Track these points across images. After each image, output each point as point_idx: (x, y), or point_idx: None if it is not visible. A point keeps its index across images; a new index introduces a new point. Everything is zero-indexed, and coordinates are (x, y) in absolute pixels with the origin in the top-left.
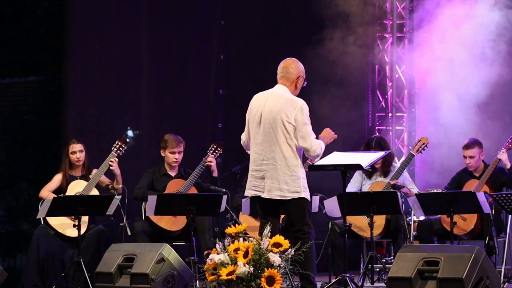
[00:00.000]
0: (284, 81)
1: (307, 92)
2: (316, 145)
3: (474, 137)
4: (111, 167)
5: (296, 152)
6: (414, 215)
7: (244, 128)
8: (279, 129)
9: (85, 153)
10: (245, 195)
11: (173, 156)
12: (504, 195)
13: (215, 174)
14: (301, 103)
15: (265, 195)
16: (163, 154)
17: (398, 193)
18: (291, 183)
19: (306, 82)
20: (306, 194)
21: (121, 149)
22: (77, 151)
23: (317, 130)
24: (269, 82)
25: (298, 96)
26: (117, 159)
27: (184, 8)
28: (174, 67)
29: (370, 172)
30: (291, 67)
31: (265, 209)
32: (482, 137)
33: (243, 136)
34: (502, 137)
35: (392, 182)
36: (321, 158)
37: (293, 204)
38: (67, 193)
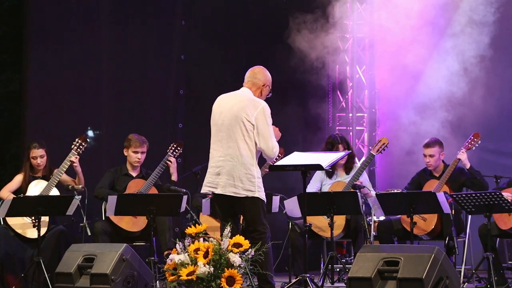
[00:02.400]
0: (250, 85)
1: (276, 91)
2: (276, 147)
3: (435, 137)
4: (73, 165)
5: (253, 151)
6: (374, 215)
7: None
8: (238, 126)
9: (47, 157)
10: (201, 192)
11: (135, 155)
12: (463, 195)
13: (175, 174)
14: (263, 104)
15: (218, 191)
16: (125, 153)
17: (359, 193)
18: (246, 181)
19: (271, 94)
20: (260, 194)
21: (81, 147)
22: (37, 157)
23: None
24: (230, 82)
25: (270, 98)
26: (77, 157)
27: (144, 9)
28: (134, 67)
29: (331, 172)
30: (260, 74)
31: (222, 208)
32: (442, 137)
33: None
34: (463, 137)
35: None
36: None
37: (247, 203)
38: (27, 193)
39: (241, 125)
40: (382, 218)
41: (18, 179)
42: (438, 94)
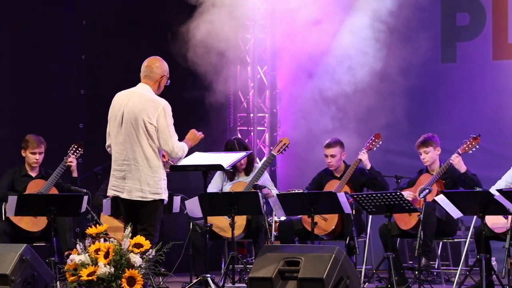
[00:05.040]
0: (147, 80)
1: (168, 92)
2: (179, 148)
3: (337, 137)
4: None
5: (158, 153)
6: (275, 215)
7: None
8: (141, 129)
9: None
10: (107, 195)
11: (33, 156)
12: (364, 196)
13: (75, 174)
14: (164, 104)
15: (124, 196)
16: (24, 154)
17: (259, 194)
18: (153, 184)
19: (169, 81)
20: (165, 196)
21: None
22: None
23: (178, 131)
24: (131, 81)
25: (161, 94)
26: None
27: (45, 8)
28: (36, 67)
29: (231, 173)
30: (155, 66)
31: (126, 211)
32: (344, 138)
33: (108, 140)
34: (364, 137)
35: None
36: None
37: (152, 205)
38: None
39: (144, 129)
40: (283, 218)
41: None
42: (340, 95)
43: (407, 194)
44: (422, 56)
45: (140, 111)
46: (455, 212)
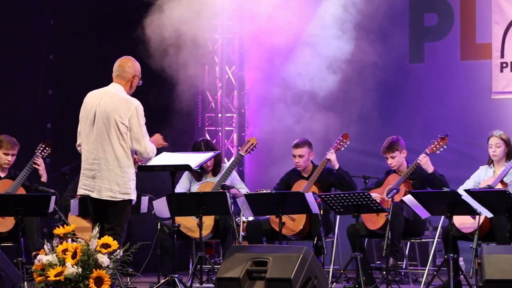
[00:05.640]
0: (119, 80)
1: (136, 92)
2: (150, 148)
3: (305, 137)
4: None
5: (129, 153)
6: (243, 215)
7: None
8: (113, 129)
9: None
10: (77, 194)
11: (6, 157)
12: (332, 196)
13: (44, 179)
14: (136, 103)
15: (94, 195)
16: None
17: (227, 194)
18: (123, 185)
19: (141, 81)
20: (134, 196)
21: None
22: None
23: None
24: (99, 81)
25: (133, 94)
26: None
27: (12, 8)
28: (3, 67)
29: (199, 173)
30: (127, 66)
31: (95, 211)
32: (312, 138)
33: (78, 139)
34: (332, 137)
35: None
36: None
37: (121, 205)
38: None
39: (116, 128)
40: (250, 218)
41: None
42: (308, 95)
43: (375, 195)
44: (390, 56)
45: (112, 111)
46: (422, 212)
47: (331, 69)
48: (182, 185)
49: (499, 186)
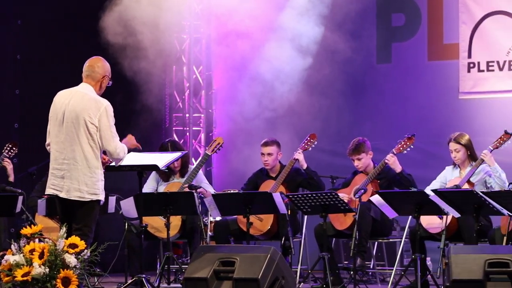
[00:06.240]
0: (89, 80)
1: (107, 92)
2: (120, 148)
3: (273, 137)
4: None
5: (98, 154)
6: (210, 215)
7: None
8: (82, 129)
9: None
10: (45, 193)
11: None
12: (300, 196)
13: (11, 179)
14: (106, 104)
15: (63, 195)
16: None
17: (195, 194)
18: (91, 185)
19: (111, 82)
20: (102, 197)
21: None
22: None
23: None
24: (66, 81)
25: (103, 95)
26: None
27: None
28: None
29: (166, 174)
30: (97, 66)
31: (63, 211)
32: (280, 138)
33: (48, 138)
34: (300, 137)
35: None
36: None
37: (89, 206)
38: None
39: (85, 128)
40: (218, 218)
41: None
42: (275, 95)
43: (342, 195)
44: (357, 57)
45: (81, 110)
46: (390, 212)
47: (299, 70)
48: (149, 186)
49: (466, 186)
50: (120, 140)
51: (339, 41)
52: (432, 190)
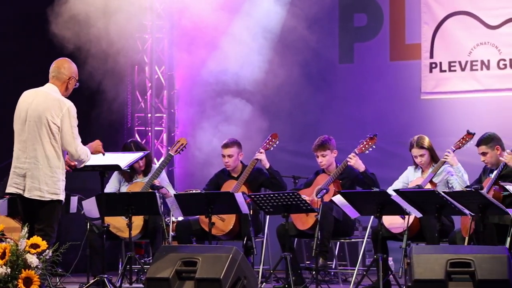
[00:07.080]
0: (55, 81)
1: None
2: (81, 151)
3: (234, 138)
4: None
5: (60, 154)
6: (172, 215)
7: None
8: (44, 128)
9: None
10: (6, 191)
11: None
12: (262, 196)
13: None
14: (69, 105)
15: (26, 194)
16: None
17: (157, 194)
18: (52, 185)
19: (78, 84)
20: (63, 197)
21: None
22: None
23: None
24: (29, 81)
25: (69, 97)
26: None
27: None
28: None
29: (129, 174)
30: (63, 67)
31: (24, 210)
32: (241, 138)
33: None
34: (261, 137)
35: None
36: None
37: (50, 205)
38: None
39: (47, 127)
40: (180, 218)
41: None
42: (238, 95)
43: (304, 196)
44: (319, 57)
45: (44, 110)
46: (352, 212)
47: (261, 69)
48: (112, 185)
49: (428, 186)
50: (87, 143)
51: (301, 40)
52: (394, 190)
